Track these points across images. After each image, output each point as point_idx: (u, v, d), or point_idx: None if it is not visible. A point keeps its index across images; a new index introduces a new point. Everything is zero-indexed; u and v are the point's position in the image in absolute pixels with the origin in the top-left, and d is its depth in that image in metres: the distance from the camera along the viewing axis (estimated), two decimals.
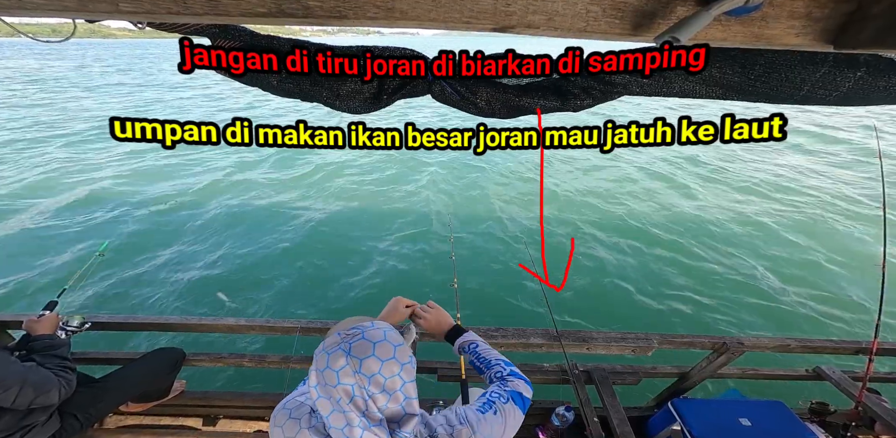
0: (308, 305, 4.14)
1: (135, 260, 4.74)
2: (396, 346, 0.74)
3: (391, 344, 0.74)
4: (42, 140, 9.72)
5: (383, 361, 0.71)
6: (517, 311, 4.09)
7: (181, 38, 0.74)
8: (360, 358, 0.70)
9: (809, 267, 4.99)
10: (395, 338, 0.76)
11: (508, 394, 0.95)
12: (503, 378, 1.02)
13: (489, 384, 1.05)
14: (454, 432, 0.83)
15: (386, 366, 0.71)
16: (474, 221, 5.99)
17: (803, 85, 0.88)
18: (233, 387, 3.00)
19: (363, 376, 0.69)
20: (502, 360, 1.09)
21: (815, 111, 14.91)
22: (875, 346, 1.88)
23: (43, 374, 1.40)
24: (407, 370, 0.73)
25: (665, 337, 1.86)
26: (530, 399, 0.99)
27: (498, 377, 1.03)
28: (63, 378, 1.44)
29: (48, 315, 1.66)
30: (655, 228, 5.86)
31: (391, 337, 0.76)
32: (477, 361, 1.10)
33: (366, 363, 0.70)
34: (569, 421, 2.02)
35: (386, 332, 0.76)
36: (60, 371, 1.46)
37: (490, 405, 0.92)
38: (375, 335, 0.75)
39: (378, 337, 0.74)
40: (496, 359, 1.08)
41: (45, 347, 1.52)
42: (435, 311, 1.24)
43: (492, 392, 0.96)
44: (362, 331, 0.75)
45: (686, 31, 0.62)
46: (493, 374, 1.04)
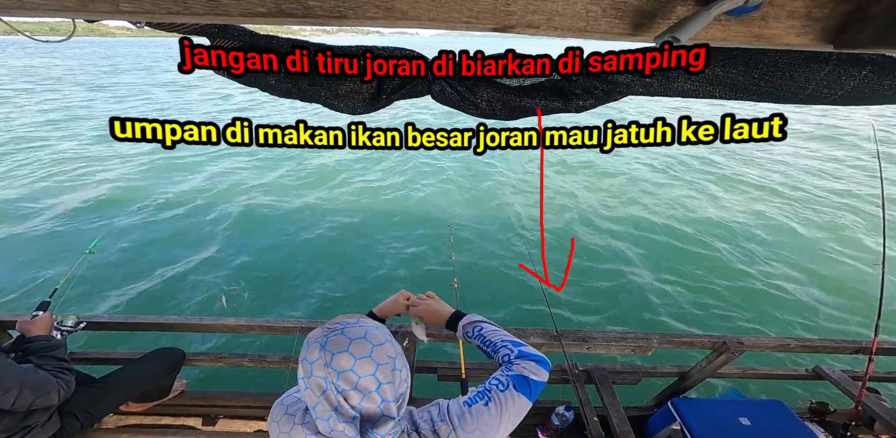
0: (306, 305, 4.14)
1: (138, 260, 4.75)
2: (375, 345, 0.72)
3: (369, 343, 0.72)
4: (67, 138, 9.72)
5: (357, 358, 0.70)
6: (517, 311, 4.10)
7: (181, 37, 0.74)
8: (333, 352, 0.70)
9: (810, 266, 5.00)
10: (376, 337, 0.74)
11: (510, 380, 0.87)
12: (510, 362, 0.93)
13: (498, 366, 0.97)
14: (435, 427, 0.80)
15: (359, 364, 0.69)
16: (474, 221, 5.99)
17: (808, 84, 0.87)
18: (233, 387, 2.99)
19: (332, 370, 0.69)
20: (510, 341, 0.99)
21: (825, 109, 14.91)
22: (875, 346, 1.88)
23: (41, 376, 1.40)
24: (383, 370, 0.71)
25: (665, 337, 1.86)
26: (543, 382, 0.90)
27: (505, 360, 0.94)
28: (62, 380, 1.44)
29: (42, 315, 1.64)
30: (655, 228, 5.87)
31: (372, 336, 0.74)
32: (483, 345, 1.01)
33: (337, 358, 0.69)
34: (569, 421, 2.02)
35: (368, 330, 0.75)
36: (59, 372, 1.45)
37: (483, 395, 0.85)
38: (355, 332, 0.73)
39: (357, 334, 0.73)
40: (503, 340, 0.99)
41: (41, 349, 1.51)
42: (430, 300, 1.19)
43: (492, 378, 0.89)
44: (343, 327, 0.74)
45: (686, 30, 0.62)
46: (500, 358, 0.96)
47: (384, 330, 0.78)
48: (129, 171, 7.65)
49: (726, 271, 4.84)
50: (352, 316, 0.81)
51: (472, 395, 0.86)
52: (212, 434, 2.06)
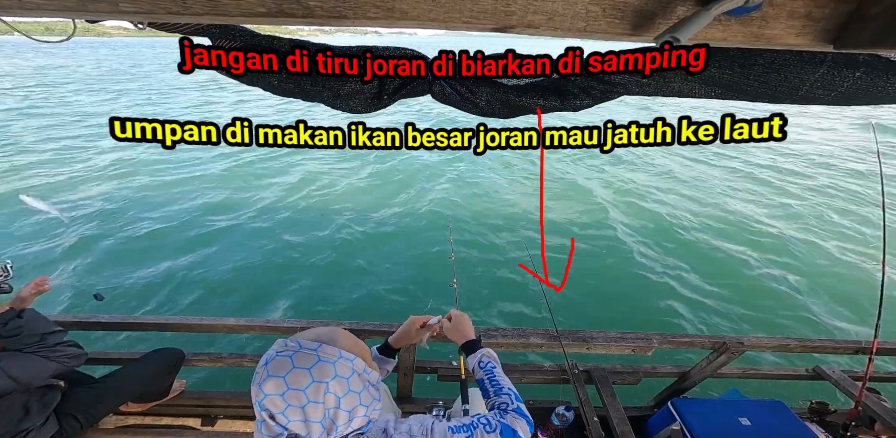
0: (306, 305, 4.14)
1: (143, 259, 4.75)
2: (314, 381, 0.70)
3: (309, 377, 0.70)
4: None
5: (288, 389, 0.69)
6: (517, 311, 4.10)
7: (181, 38, 0.74)
8: (269, 373, 0.71)
9: (809, 266, 5.00)
10: (322, 372, 0.71)
11: (500, 426, 0.88)
12: (506, 411, 0.95)
13: (489, 409, 0.99)
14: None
15: (288, 395, 0.69)
16: (474, 221, 5.99)
17: (802, 85, 0.88)
18: (233, 387, 2.99)
19: (260, 391, 0.71)
20: (513, 393, 1.01)
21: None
22: (875, 346, 1.88)
23: (25, 361, 1.35)
24: (313, 408, 0.69)
25: (665, 337, 1.86)
26: None
27: (501, 408, 0.96)
28: (59, 358, 1.41)
29: None
30: (655, 228, 5.87)
31: (318, 369, 0.71)
32: (489, 383, 1.04)
33: (269, 381, 0.70)
34: (568, 421, 2.02)
35: (319, 359, 0.72)
36: (50, 352, 1.41)
37: (469, 429, 0.84)
38: (304, 360, 0.72)
39: (305, 362, 0.72)
40: (508, 389, 1.01)
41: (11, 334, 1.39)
42: (456, 321, 1.24)
43: (482, 417, 0.90)
44: (294, 352, 0.73)
45: (686, 31, 0.62)
46: (498, 402, 0.98)
47: (346, 364, 0.75)
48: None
49: (727, 271, 4.84)
50: (326, 333, 0.79)
51: (458, 425, 0.85)
52: (211, 434, 2.06)
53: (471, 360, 1.13)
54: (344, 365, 0.74)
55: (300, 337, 0.77)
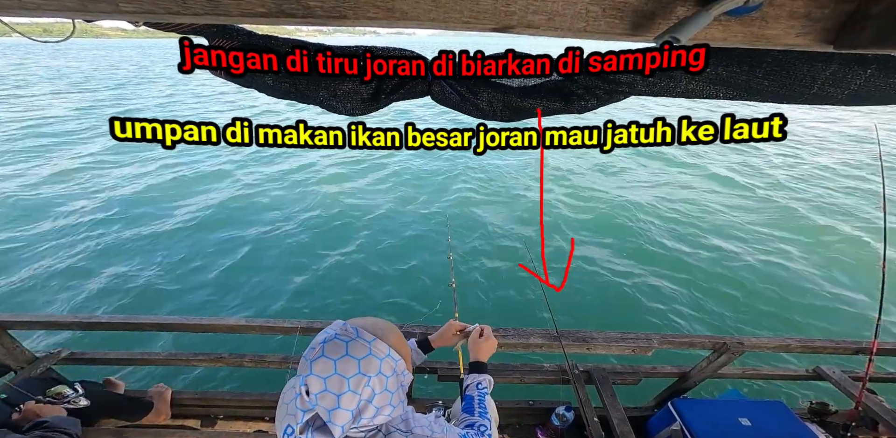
0: (305, 305, 4.14)
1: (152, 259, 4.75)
2: (359, 374, 0.73)
3: (356, 368, 0.74)
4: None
5: (335, 373, 0.73)
6: (517, 311, 4.09)
7: (181, 38, 0.74)
8: (334, 358, 0.74)
9: (809, 266, 4.99)
10: (369, 366, 0.74)
11: None
12: (482, 434, 1.05)
13: (463, 421, 1.10)
14: (432, 436, 0.85)
15: (333, 380, 0.72)
16: (473, 221, 5.99)
17: (813, 83, 0.86)
18: (233, 387, 3.00)
19: (308, 362, 0.74)
20: (491, 421, 1.12)
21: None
22: (875, 346, 1.88)
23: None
24: (349, 397, 0.72)
25: (665, 337, 1.86)
26: None
27: (481, 430, 1.06)
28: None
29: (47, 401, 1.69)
30: (655, 228, 5.86)
31: (366, 362, 0.74)
32: (477, 403, 1.15)
33: (320, 360, 0.74)
34: (569, 421, 2.02)
35: (364, 358, 0.75)
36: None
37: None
38: (358, 350, 0.75)
39: (357, 353, 0.75)
40: (489, 416, 1.13)
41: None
42: (486, 340, 1.32)
43: (468, 434, 1.00)
44: (350, 339, 0.76)
45: (686, 31, 0.62)
46: (478, 423, 1.08)
47: (391, 363, 0.78)
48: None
49: (728, 271, 4.83)
50: (382, 328, 0.82)
51: (467, 433, 0.98)
52: (211, 434, 2.06)
53: (472, 377, 1.22)
54: (389, 363, 0.77)
55: (358, 324, 0.80)
